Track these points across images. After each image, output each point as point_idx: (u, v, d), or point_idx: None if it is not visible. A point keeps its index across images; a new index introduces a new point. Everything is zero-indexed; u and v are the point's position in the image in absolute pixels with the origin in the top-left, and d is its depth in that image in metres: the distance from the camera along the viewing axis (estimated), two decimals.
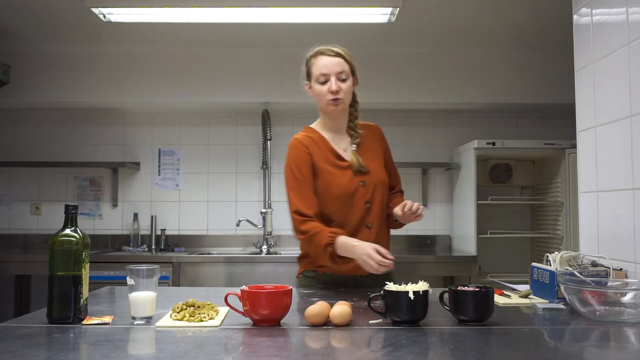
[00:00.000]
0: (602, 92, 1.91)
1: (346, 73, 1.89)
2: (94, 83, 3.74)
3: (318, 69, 1.88)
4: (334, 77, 1.86)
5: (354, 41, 3.71)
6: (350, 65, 1.92)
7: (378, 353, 1.09)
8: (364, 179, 1.91)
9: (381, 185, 1.93)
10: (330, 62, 1.87)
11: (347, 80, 1.89)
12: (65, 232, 1.35)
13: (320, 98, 1.89)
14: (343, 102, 1.89)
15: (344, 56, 1.90)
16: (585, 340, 1.27)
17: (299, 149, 1.91)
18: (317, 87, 1.89)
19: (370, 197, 1.90)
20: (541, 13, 3.12)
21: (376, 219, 1.92)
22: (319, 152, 1.92)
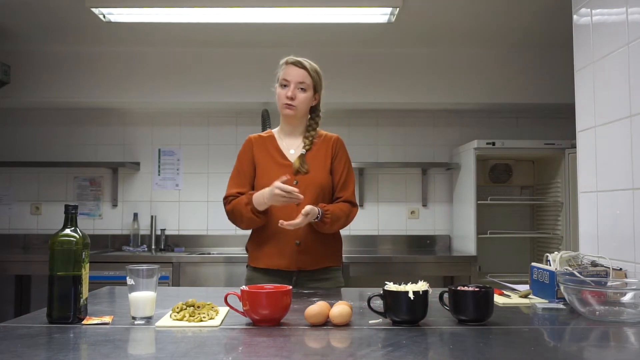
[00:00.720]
0: (601, 92, 1.91)
1: (307, 85, 2.05)
2: (94, 83, 3.74)
3: (282, 75, 2.07)
4: (293, 85, 2.04)
5: (354, 41, 3.72)
6: (314, 80, 2.08)
7: (378, 353, 1.09)
8: (298, 179, 2.04)
9: (314, 187, 2.03)
10: (294, 71, 2.05)
11: (306, 91, 2.06)
12: (65, 232, 1.35)
13: (279, 100, 2.08)
14: (296, 109, 2.05)
15: (308, 70, 2.07)
16: (585, 340, 1.27)
17: (245, 145, 2.16)
18: (278, 90, 2.09)
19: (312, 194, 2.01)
20: (541, 13, 3.12)
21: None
22: (264, 149, 2.12)
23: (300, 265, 2.01)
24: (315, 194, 2.03)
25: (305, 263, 2.01)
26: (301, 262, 2.01)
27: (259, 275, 2.05)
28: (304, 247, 2.01)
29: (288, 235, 1.98)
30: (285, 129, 2.14)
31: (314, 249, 2.02)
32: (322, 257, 2.04)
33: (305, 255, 2.01)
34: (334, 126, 2.17)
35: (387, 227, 4.04)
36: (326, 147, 2.12)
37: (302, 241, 2.00)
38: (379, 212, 4.05)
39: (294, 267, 2.01)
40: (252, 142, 2.14)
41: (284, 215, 1.95)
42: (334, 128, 2.21)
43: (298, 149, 2.10)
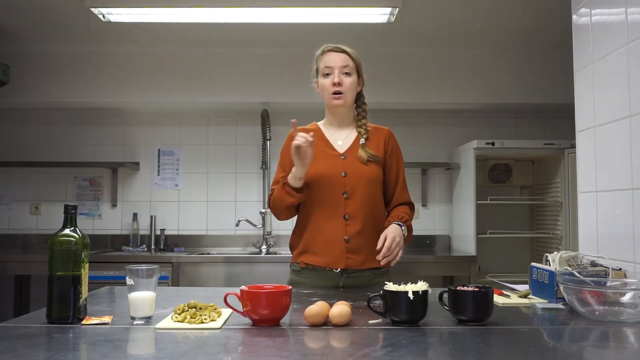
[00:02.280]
0: (601, 92, 1.91)
1: (350, 68, 1.95)
2: (94, 83, 3.74)
3: (324, 63, 1.96)
4: (338, 70, 1.93)
5: (354, 41, 3.69)
6: (356, 63, 1.99)
7: (378, 353, 1.09)
8: (347, 170, 1.93)
9: (365, 181, 1.93)
10: (335, 57, 1.95)
11: (351, 75, 1.96)
12: (65, 232, 1.34)
13: (324, 92, 1.97)
14: (345, 96, 1.95)
15: (349, 53, 1.97)
16: (584, 340, 1.27)
17: (288, 139, 1.98)
18: (322, 80, 1.96)
19: (350, 189, 1.92)
20: (540, 13, 3.12)
21: (356, 213, 1.91)
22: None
23: (348, 264, 1.90)
24: (367, 188, 1.93)
25: (352, 262, 1.90)
26: (349, 260, 1.90)
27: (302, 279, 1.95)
28: (353, 245, 1.90)
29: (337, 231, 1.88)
30: (333, 122, 2.03)
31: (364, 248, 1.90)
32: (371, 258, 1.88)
33: (353, 254, 1.90)
34: None
35: None
36: (378, 139, 2.02)
37: (351, 238, 1.89)
38: None
39: (341, 266, 1.90)
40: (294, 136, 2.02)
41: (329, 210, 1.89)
42: None
43: (347, 140, 2.00)
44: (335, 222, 1.90)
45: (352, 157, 1.97)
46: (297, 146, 1.78)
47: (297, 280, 1.97)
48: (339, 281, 1.93)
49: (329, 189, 1.92)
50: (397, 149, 2.08)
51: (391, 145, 2.05)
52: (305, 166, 1.83)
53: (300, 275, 1.98)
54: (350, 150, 1.99)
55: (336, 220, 1.90)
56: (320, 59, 1.99)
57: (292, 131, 1.86)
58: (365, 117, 2.04)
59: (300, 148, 1.79)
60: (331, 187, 1.92)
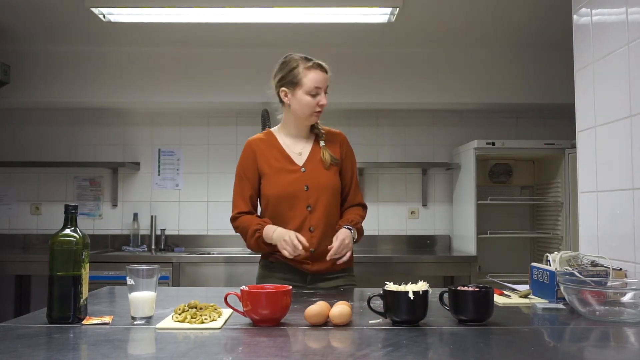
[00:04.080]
0: (601, 92, 1.91)
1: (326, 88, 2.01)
2: (94, 83, 3.74)
3: (313, 82, 1.95)
4: (323, 91, 1.98)
5: (354, 41, 3.72)
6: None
7: (378, 353, 1.09)
8: (308, 184, 1.98)
9: (327, 191, 2.00)
10: (322, 77, 1.97)
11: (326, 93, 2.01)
12: (65, 232, 1.35)
13: (305, 108, 1.98)
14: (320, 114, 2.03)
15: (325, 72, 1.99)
16: (585, 340, 1.27)
17: (246, 151, 2.06)
18: (307, 98, 1.96)
19: (313, 201, 1.98)
20: (541, 13, 3.12)
21: (319, 223, 1.98)
22: (268, 154, 2.03)
23: (314, 270, 1.99)
24: (328, 199, 2.00)
25: (319, 268, 1.99)
26: (315, 267, 1.98)
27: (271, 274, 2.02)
28: (318, 254, 1.97)
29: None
30: (293, 131, 2.05)
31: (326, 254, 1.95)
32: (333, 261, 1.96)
33: (319, 262, 1.98)
34: (334, 125, 2.16)
35: (387, 227, 4.04)
36: (334, 143, 2.06)
37: (317, 249, 1.97)
38: (379, 212, 4.04)
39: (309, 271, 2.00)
40: (253, 148, 2.04)
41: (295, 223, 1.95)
42: (334, 127, 2.21)
43: (305, 148, 2.04)
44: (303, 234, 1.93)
45: (312, 167, 2.01)
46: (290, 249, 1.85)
47: (266, 274, 2.05)
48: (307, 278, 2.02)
49: (294, 204, 1.97)
50: (351, 152, 2.13)
51: (346, 148, 2.10)
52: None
53: (269, 270, 2.05)
54: (309, 160, 2.03)
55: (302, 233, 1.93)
56: (306, 73, 1.95)
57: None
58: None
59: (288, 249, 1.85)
60: (295, 203, 1.97)
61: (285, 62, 2.01)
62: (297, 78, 1.96)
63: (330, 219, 2.01)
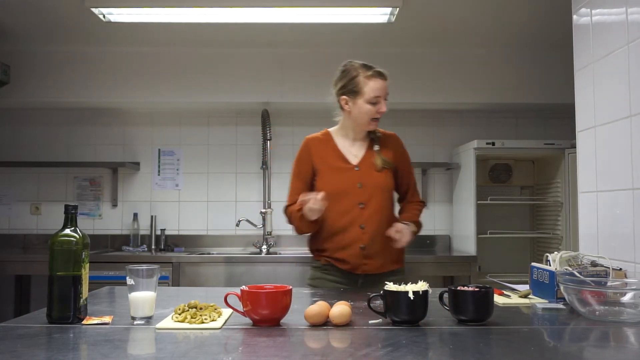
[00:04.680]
0: (601, 92, 1.91)
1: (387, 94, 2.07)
2: (94, 83, 3.74)
3: (373, 91, 2.00)
4: (383, 99, 2.02)
5: (354, 41, 3.72)
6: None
7: (378, 353, 1.09)
8: (362, 182, 2.03)
9: (379, 189, 2.04)
10: (382, 85, 2.01)
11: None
12: (65, 232, 1.35)
13: (365, 116, 2.03)
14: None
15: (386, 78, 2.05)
16: (584, 340, 1.27)
17: (302, 148, 2.14)
18: (367, 106, 2.01)
19: (365, 199, 2.02)
20: (541, 13, 3.12)
21: (371, 221, 2.02)
22: (324, 152, 2.10)
23: (366, 270, 2.01)
24: (382, 197, 2.05)
25: (370, 267, 2.01)
26: (366, 266, 2.01)
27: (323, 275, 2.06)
28: (369, 252, 2.00)
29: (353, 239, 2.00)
30: (350, 134, 2.12)
31: (379, 254, 2.02)
32: (387, 262, 2.04)
33: (370, 260, 2.01)
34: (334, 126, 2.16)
35: None
36: (389, 146, 2.13)
37: (367, 246, 2.00)
38: None
39: (359, 271, 2.01)
40: (309, 145, 2.12)
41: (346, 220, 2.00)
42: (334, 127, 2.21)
43: (360, 150, 2.10)
44: (353, 231, 2.00)
45: (366, 167, 2.06)
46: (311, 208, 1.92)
47: (319, 276, 2.08)
48: (358, 281, 2.04)
49: (346, 200, 2.02)
50: (406, 153, 2.22)
51: (401, 150, 2.18)
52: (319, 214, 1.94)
53: (322, 271, 2.08)
54: (363, 161, 2.08)
55: (353, 229, 2.00)
56: (366, 82, 1.99)
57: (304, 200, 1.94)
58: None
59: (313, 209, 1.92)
60: (348, 199, 2.02)
61: (346, 71, 2.04)
62: (358, 87, 2.00)
63: (383, 218, 2.03)
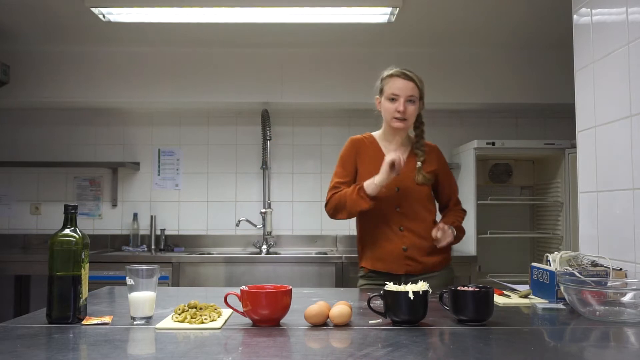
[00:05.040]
0: (601, 92, 1.91)
1: (415, 97, 2.08)
2: (94, 83, 3.74)
3: (390, 89, 2.07)
4: (403, 99, 2.05)
5: (354, 41, 3.72)
6: (420, 91, 2.09)
7: (378, 353, 1.09)
8: (400, 186, 2.06)
9: (415, 198, 2.07)
10: (403, 84, 2.06)
11: (415, 103, 2.09)
12: (65, 232, 1.35)
13: (386, 114, 2.12)
14: (407, 122, 2.10)
15: (416, 81, 2.07)
16: (585, 340, 1.27)
17: (349, 146, 2.19)
18: (387, 104, 2.10)
19: (402, 202, 2.06)
20: (541, 13, 3.12)
21: (409, 224, 2.06)
22: (368, 153, 2.16)
23: (408, 270, 2.04)
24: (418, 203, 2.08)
25: (412, 268, 2.04)
26: (408, 267, 2.04)
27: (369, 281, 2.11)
28: (411, 254, 2.03)
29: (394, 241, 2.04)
30: (390, 138, 2.17)
31: (420, 256, 2.05)
32: (428, 265, 2.06)
33: (412, 261, 2.04)
34: (334, 126, 2.17)
35: None
36: (431, 159, 2.16)
37: (409, 247, 2.03)
38: None
39: (401, 272, 2.04)
40: (356, 145, 2.17)
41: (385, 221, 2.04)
42: (334, 128, 2.22)
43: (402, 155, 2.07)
44: (393, 233, 2.05)
45: (405, 174, 2.07)
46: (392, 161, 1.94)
47: (363, 282, 2.13)
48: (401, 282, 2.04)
49: (384, 202, 2.05)
50: (446, 164, 2.25)
51: (442, 163, 2.23)
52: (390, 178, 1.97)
53: (366, 279, 2.12)
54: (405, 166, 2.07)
55: (393, 231, 2.05)
56: (387, 82, 2.09)
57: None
58: (422, 136, 2.17)
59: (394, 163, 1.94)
60: (386, 201, 2.05)
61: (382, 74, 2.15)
62: (382, 86, 2.11)
63: (420, 221, 2.07)
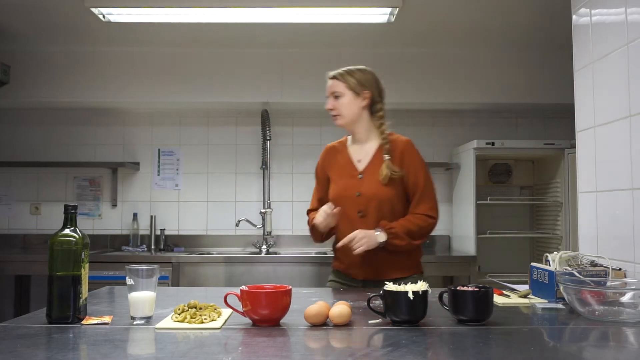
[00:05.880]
0: (601, 92, 1.91)
1: (340, 92, 2.08)
2: (94, 83, 3.74)
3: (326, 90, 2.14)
4: (329, 96, 2.10)
5: (354, 41, 3.72)
6: (347, 82, 2.07)
7: (377, 353, 1.09)
8: (362, 190, 2.04)
9: (377, 201, 2.03)
10: (328, 85, 2.12)
11: (342, 96, 2.07)
12: (65, 232, 1.35)
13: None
14: (341, 117, 2.09)
15: (336, 77, 2.10)
16: (584, 340, 1.27)
17: (320, 156, 2.24)
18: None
19: (364, 208, 2.03)
20: (540, 13, 3.12)
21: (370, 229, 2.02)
22: (336, 160, 2.16)
23: (366, 276, 2.03)
24: (380, 207, 2.01)
25: (368, 274, 2.03)
26: (366, 273, 2.03)
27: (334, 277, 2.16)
28: (367, 260, 2.00)
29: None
30: (354, 138, 2.16)
31: (377, 261, 2.00)
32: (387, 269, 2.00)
33: (369, 267, 2.02)
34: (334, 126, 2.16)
35: None
36: (395, 154, 2.06)
37: (367, 254, 1.97)
38: None
39: (360, 277, 2.04)
40: (325, 155, 2.22)
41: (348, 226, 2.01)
42: (334, 128, 2.21)
43: (367, 156, 2.09)
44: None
45: (370, 174, 2.06)
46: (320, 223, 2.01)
47: (332, 278, 2.17)
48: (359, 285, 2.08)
49: (347, 207, 2.04)
50: (414, 160, 2.08)
51: (407, 158, 2.07)
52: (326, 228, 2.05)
53: (333, 274, 2.18)
54: (368, 167, 2.08)
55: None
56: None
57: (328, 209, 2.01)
58: (383, 124, 2.11)
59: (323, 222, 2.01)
60: (348, 206, 2.04)
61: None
62: None
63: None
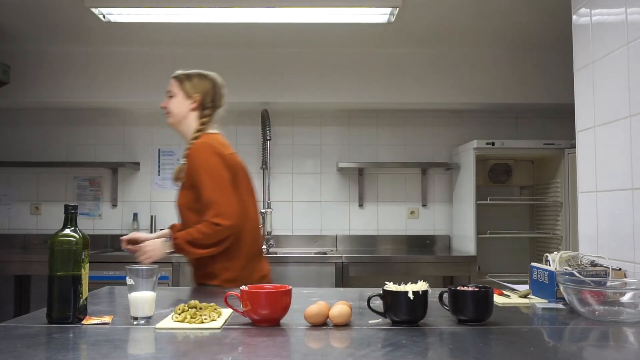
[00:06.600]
0: (601, 92, 1.91)
1: (172, 92, 2.16)
2: (94, 83, 3.74)
3: None
4: (166, 95, 2.18)
5: (354, 41, 3.72)
6: (180, 83, 2.16)
7: (377, 353, 1.09)
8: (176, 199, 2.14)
9: (178, 208, 2.12)
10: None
11: (173, 97, 2.15)
12: (65, 232, 1.35)
13: None
14: (171, 115, 2.16)
15: (175, 77, 2.19)
16: (584, 340, 1.27)
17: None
18: None
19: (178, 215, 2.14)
20: (541, 13, 3.12)
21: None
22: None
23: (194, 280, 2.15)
24: (181, 214, 2.12)
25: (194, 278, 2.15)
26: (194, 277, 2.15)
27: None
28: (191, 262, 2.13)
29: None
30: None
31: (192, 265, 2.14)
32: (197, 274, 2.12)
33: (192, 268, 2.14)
34: (335, 126, 2.16)
35: (386, 227, 4.04)
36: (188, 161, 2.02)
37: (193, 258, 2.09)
38: (378, 212, 4.04)
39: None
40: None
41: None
42: (335, 128, 2.21)
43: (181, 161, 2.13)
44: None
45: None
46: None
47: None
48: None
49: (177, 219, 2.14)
50: (193, 166, 1.99)
51: (190, 163, 2.01)
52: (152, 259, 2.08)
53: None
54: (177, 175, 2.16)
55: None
56: None
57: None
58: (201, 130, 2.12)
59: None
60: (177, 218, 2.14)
61: None
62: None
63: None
